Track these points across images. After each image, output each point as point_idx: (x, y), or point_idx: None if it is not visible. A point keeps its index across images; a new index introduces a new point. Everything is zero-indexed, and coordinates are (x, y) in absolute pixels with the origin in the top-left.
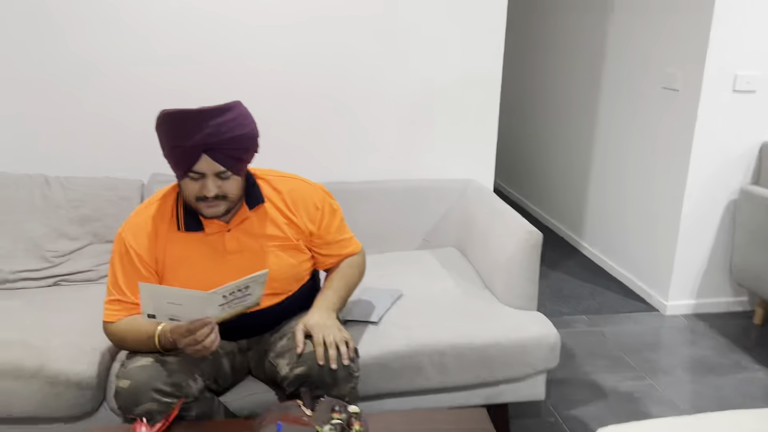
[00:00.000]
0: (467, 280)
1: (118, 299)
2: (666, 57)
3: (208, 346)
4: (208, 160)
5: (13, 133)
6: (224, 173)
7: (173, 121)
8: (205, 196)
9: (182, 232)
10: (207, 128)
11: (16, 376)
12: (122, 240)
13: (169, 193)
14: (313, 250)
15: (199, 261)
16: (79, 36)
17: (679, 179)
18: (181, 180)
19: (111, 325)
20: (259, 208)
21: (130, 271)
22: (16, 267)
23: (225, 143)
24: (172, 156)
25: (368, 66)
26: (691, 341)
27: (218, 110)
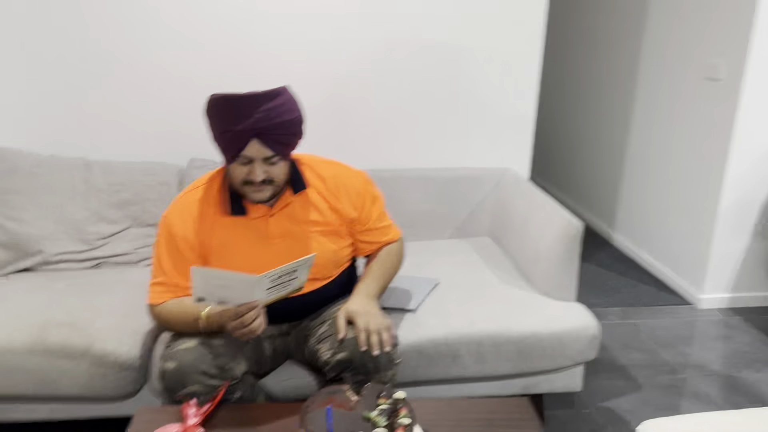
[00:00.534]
0: (503, 269)
1: (163, 281)
2: (708, 47)
3: (255, 329)
4: (256, 145)
5: (55, 119)
6: (272, 158)
7: (223, 106)
8: (253, 180)
9: (227, 216)
10: (257, 113)
11: (66, 355)
12: (167, 223)
13: (214, 177)
14: (354, 236)
15: (243, 245)
16: (120, 22)
17: (718, 170)
18: (229, 164)
19: (156, 306)
20: (302, 193)
21: (175, 254)
22: (58, 249)
23: (274, 128)
24: (222, 140)
25: (404, 54)
26: (726, 335)
27: (268, 95)
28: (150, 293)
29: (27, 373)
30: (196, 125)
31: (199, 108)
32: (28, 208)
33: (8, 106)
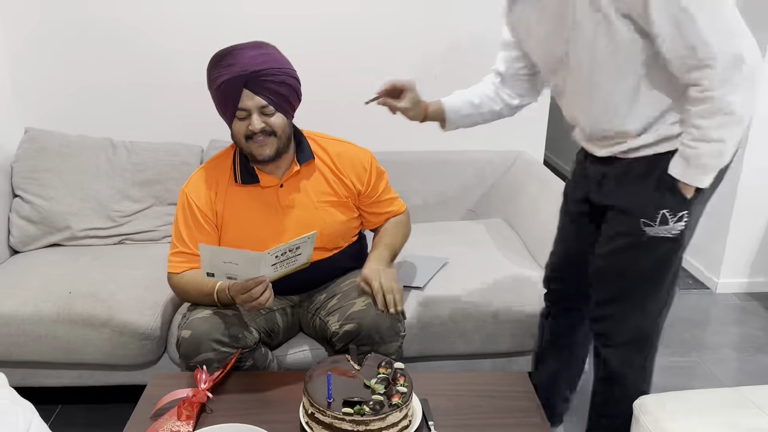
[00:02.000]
0: (513, 250)
1: (182, 251)
2: None
3: (263, 302)
4: (249, 94)
5: (83, 101)
6: (266, 108)
7: (215, 61)
8: (253, 131)
9: (239, 185)
10: (244, 59)
11: (89, 324)
12: (185, 195)
13: (227, 150)
14: (361, 209)
15: (255, 215)
16: (146, 6)
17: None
18: (231, 124)
19: (175, 276)
20: (310, 164)
21: (192, 224)
22: (84, 225)
23: (263, 75)
24: (220, 97)
25: (416, 36)
26: (741, 320)
27: (253, 44)
28: (169, 263)
29: (54, 340)
30: None
31: None
32: (56, 185)
33: (39, 90)
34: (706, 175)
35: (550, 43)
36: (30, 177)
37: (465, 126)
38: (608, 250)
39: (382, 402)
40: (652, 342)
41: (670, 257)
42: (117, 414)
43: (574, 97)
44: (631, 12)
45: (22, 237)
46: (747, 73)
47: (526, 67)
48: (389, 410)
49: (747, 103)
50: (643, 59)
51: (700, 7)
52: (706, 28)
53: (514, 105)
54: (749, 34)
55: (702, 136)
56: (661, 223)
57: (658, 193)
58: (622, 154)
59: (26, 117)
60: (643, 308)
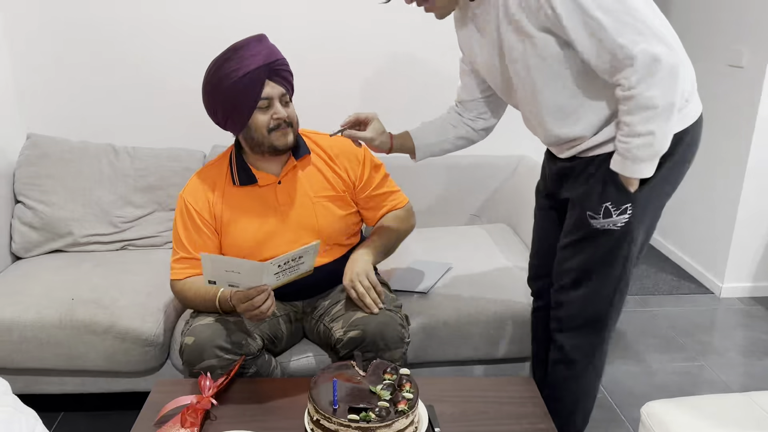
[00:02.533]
0: (518, 255)
1: (183, 257)
2: (732, 34)
3: (265, 311)
4: (271, 84)
5: (85, 107)
6: (285, 96)
7: (225, 56)
8: (278, 119)
9: (237, 187)
10: (264, 49)
11: (92, 331)
12: (183, 200)
13: (224, 154)
14: (358, 204)
15: (254, 215)
16: (147, 11)
17: (740, 158)
18: (250, 117)
19: (178, 282)
20: (305, 159)
21: (192, 229)
22: (87, 231)
23: (280, 64)
24: (238, 91)
25: (421, 40)
26: (746, 324)
27: (257, 37)
28: (171, 270)
29: (56, 346)
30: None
31: None
32: (58, 191)
33: (41, 96)
34: (642, 165)
35: (494, 66)
36: (32, 183)
37: (435, 154)
38: (565, 242)
39: (388, 408)
40: (603, 330)
41: (618, 248)
42: (120, 421)
43: (527, 112)
44: (550, 26)
45: (24, 243)
46: (666, 69)
47: (482, 89)
48: (395, 417)
49: (669, 93)
50: (577, 69)
51: (606, 12)
52: (615, 32)
53: (478, 128)
54: (665, 33)
55: (631, 131)
56: (605, 216)
57: (602, 187)
58: (581, 153)
59: (29, 123)
60: (594, 297)
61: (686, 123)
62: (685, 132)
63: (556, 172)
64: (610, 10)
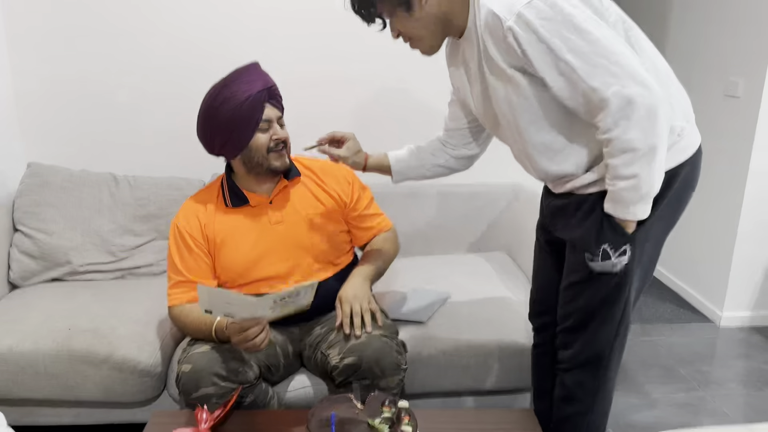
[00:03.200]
0: (517, 285)
1: (179, 281)
2: (728, 64)
3: (258, 343)
4: (269, 107)
5: (86, 136)
6: (281, 119)
7: (236, 79)
8: (277, 140)
9: (229, 209)
10: (261, 75)
11: (88, 362)
12: (175, 226)
13: (215, 180)
14: (349, 223)
15: (246, 234)
16: (146, 43)
17: (738, 188)
18: (251, 139)
19: (175, 308)
20: (296, 180)
21: (186, 252)
22: (86, 260)
23: (275, 89)
24: (242, 114)
25: (416, 67)
26: (747, 354)
27: (255, 64)
28: (168, 297)
29: (52, 377)
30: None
31: None
32: (58, 220)
33: (42, 125)
34: (633, 208)
35: (480, 103)
36: (31, 212)
37: (414, 179)
38: (566, 283)
39: None
40: (607, 368)
41: (618, 290)
42: None
43: (516, 149)
44: (525, 67)
45: (21, 272)
46: (642, 111)
47: (469, 119)
48: None
49: (649, 134)
50: (560, 108)
51: (577, 54)
52: (587, 74)
53: (460, 156)
54: (641, 73)
55: (615, 174)
56: (603, 258)
57: (599, 229)
58: (576, 189)
59: (30, 152)
60: (596, 337)
61: (682, 158)
62: (681, 167)
63: (552, 208)
64: (582, 52)
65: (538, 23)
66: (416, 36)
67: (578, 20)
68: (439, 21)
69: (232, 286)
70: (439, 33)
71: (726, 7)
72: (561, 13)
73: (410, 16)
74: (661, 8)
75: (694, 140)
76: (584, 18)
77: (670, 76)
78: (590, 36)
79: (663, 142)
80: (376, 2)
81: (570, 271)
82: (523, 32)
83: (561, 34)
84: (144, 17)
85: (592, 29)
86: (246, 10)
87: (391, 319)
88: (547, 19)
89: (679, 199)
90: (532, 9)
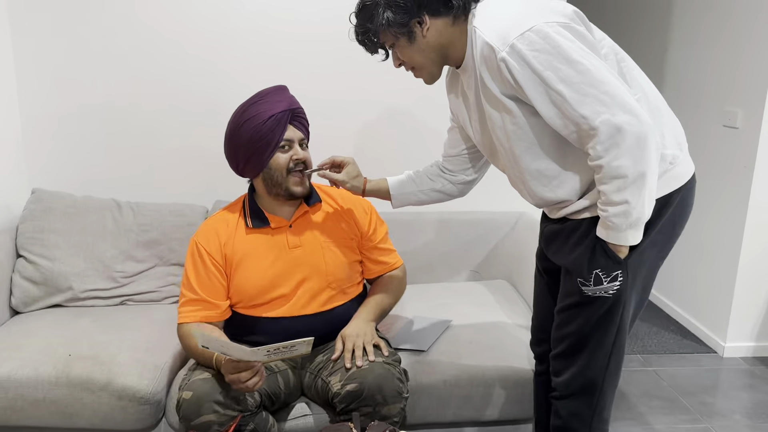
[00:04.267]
0: (518, 313)
1: (191, 299)
2: (726, 95)
3: (251, 387)
4: (292, 128)
5: (88, 161)
6: (303, 141)
7: (253, 100)
8: (297, 160)
9: (249, 229)
10: (287, 97)
11: (87, 389)
12: (194, 243)
13: (238, 200)
14: (362, 254)
15: (264, 257)
16: (150, 70)
17: (738, 218)
18: (271, 157)
19: (185, 326)
20: (317, 206)
21: (202, 270)
22: (87, 286)
23: (300, 111)
24: (264, 132)
25: (417, 96)
26: (751, 385)
27: (283, 86)
28: (179, 315)
29: (51, 404)
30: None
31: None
32: (61, 246)
33: (47, 151)
34: (625, 233)
35: (478, 131)
36: (34, 237)
37: (412, 204)
38: (560, 307)
39: None
40: (601, 397)
41: (611, 315)
42: None
43: (512, 176)
44: (518, 95)
45: (23, 298)
46: (631, 138)
47: (468, 145)
48: None
49: (639, 161)
50: (553, 136)
51: (568, 84)
52: (577, 103)
53: (458, 182)
54: (631, 102)
55: (607, 200)
56: (595, 283)
57: (591, 254)
58: (570, 215)
59: (34, 178)
60: (589, 363)
61: (675, 185)
62: (675, 194)
63: (547, 233)
64: (572, 82)
65: (530, 55)
66: (417, 65)
67: (569, 52)
68: (438, 50)
69: (244, 307)
70: (438, 62)
71: (724, 38)
72: (552, 45)
73: (411, 45)
74: (660, 39)
75: (687, 168)
76: (575, 49)
77: (661, 105)
78: (580, 66)
79: (653, 169)
80: (380, 32)
81: (564, 296)
82: (516, 63)
83: (552, 65)
84: (148, 45)
85: (583, 60)
86: (242, 35)
87: (392, 347)
88: (539, 51)
89: (673, 225)
90: (525, 41)
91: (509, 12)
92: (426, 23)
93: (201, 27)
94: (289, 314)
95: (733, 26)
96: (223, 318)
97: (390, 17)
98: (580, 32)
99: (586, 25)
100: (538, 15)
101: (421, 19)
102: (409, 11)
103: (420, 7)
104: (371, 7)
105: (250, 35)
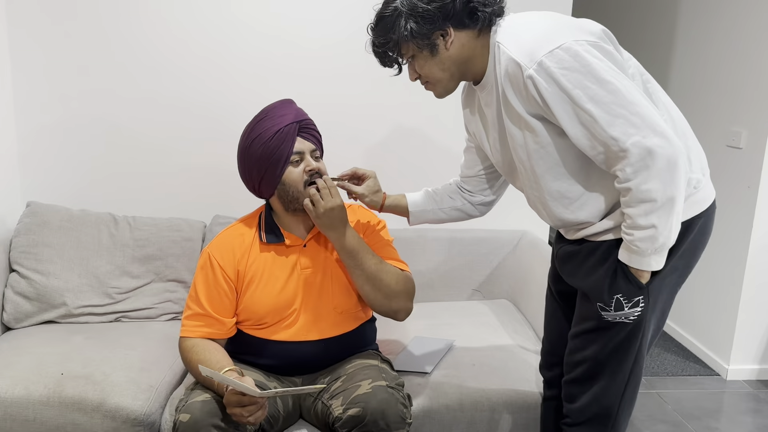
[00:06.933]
0: (521, 333)
1: (196, 312)
2: (730, 115)
3: (252, 421)
4: (301, 140)
5: (85, 174)
6: (315, 151)
7: (259, 117)
8: (311, 170)
9: (264, 245)
10: (293, 110)
11: (80, 409)
12: (207, 254)
13: (254, 213)
14: None
15: (275, 277)
16: (147, 86)
17: (742, 239)
18: (283, 173)
19: (187, 341)
20: None
21: (212, 284)
22: (81, 302)
23: (308, 123)
24: (272, 147)
25: (421, 113)
26: (755, 409)
27: (288, 100)
28: (182, 327)
29: (42, 424)
30: (220, 183)
31: (223, 167)
32: (55, 261)
33: (42, 164)
34: (649, 259)
35: (497, 149)
36: (28, 252)
37: (430, 222)
38: (575, 331)
39: None
40: (615, 425)
41: (630, 341)
42: None
43: (531, 196)
44: (544, 114)
45: (15, 314)
46: (662, 162)
47: (485, 165)
48: None
49: (668, 185)
50: (577, 156)
51: (598, 103)
52: (607, 124)
53: (476, 202)
54: (662, 124)
55: (633, 224)
56: (616, 309)
57: (612, 279)
58: (590, 237)
59: (29, 191)
60: (605, 390)
61: (697, 210)
62: (696, 219)
63: (563, 254)
64: (602, 102)
65: (559, 73)
66: (435, 78)
67: (599, 71)
68: (459, 65)
69: (250, 326)
70: (457, 76)
71: (729, 58)
72: (582, 64)
73: (433, 58)
74: (664, 57)
75: (709, 193)
76: (605, 68)
77: (686, 129)
78: (611, 86)
79: (681, 193)
80: (401, 43)
81: (580, 319)
82: (544, 81)
83: (582, 84)
84: (146, 58)
85: (613, 80)
86: (247, 51)
87: (395, 371)
88: (568, 69)
89: (694, 250)
90: (554, 58)
91: (536, 29)
92: (450, 35)
93: (197, 40)
94: (295, 338)
95: (737, 46)
96: (227, 336)
97: (414, 28)
98: (608, 51)
99: (614, 45)
100: (567, 33)
101: (445, 31)
102: (434, 22)
103: (445, 18)
104: (394, 17)
105: (241, 45)
